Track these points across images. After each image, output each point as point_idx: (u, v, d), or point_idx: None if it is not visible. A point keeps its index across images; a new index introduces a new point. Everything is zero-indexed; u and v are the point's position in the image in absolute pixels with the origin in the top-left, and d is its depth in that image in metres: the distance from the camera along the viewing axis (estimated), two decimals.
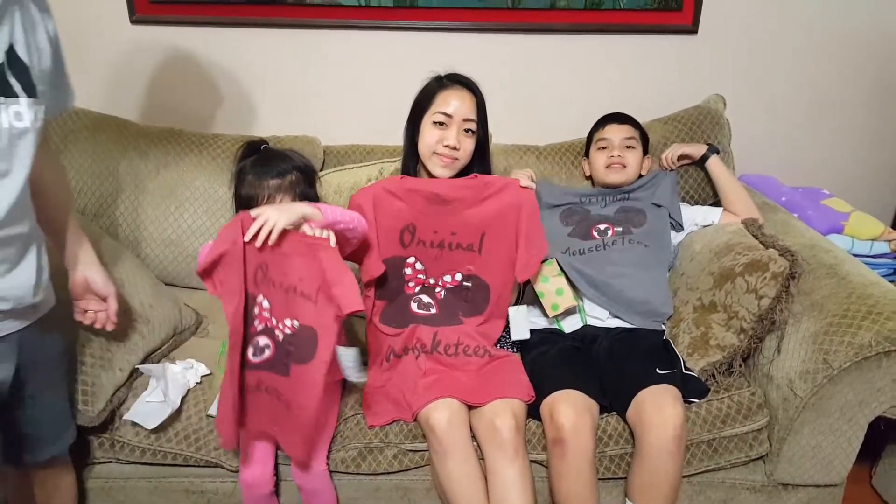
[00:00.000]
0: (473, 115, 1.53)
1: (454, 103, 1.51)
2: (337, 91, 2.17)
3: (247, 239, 1.22)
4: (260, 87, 2.15)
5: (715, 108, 1.97)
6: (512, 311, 1.56)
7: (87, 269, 1.25)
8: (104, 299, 1.28)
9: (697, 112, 1.95)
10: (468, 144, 1.54)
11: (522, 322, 1.55)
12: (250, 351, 1.29)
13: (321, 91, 2.16)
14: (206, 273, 1.26)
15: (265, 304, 1.28)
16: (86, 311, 1.28)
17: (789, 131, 2.29)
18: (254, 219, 1.22)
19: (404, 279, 1.56)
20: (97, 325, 1.29)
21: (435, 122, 1.52)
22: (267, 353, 1.28)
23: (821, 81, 2.23)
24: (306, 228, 1.26)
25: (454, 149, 1.51)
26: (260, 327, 1.29)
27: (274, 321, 1.27)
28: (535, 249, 1.51)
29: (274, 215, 1.22)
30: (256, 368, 1.29)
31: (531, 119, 2.18)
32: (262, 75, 2.14)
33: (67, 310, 1.26)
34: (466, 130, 1.53)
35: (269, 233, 1.21)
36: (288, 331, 1.26)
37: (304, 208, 1.28)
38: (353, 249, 1.44)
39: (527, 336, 1.55)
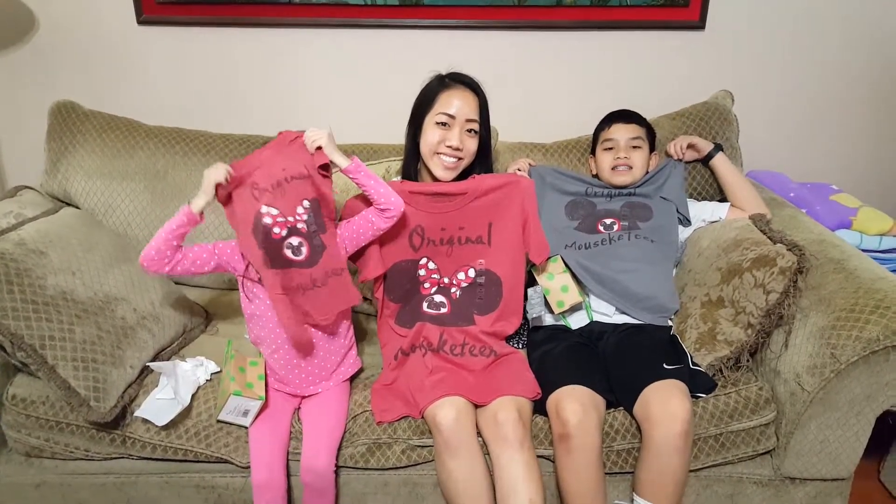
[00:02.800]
0: (476, 116, 1.53)
1: (457, 103, 1.51)
2: (343, 90, 2.18)
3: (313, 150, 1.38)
4: (267, 85, 2.17)
5: (723, 103, 1.96)
6: (530, 290, 1.61)
7: None
8: None
9: (705, 108, 1.94)
10: (471, 145, 1.54)
11: (539, 300, 1.61)
12: (289, 252, 1.38)
13: (328, 90, 2.18)
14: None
15: (273, 210, 1.37)
16: None
17: (797, 127, 2.28)
18: None
19: (419, 280, 1.56)
20: None
21: (437, 123, 1.52)
22: (304, 249, 1.39)
23: (828, 77, 2.22)
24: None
25: (457, 149, 1.51)
26: (284, 232, 1.38)
27: (291, 219, 1.38)
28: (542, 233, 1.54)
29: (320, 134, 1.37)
30: (303, 266, 1.39)
31: (538, 116, 2.19)
32: (269, 74, 2.15)
33: None
34: (469, 130, 1.53)
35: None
36: (305, 215, 1.39)
37: (339, 157, 1.38)
38: (374, 237, 1.47)
39: (542, 311, 1.60)
